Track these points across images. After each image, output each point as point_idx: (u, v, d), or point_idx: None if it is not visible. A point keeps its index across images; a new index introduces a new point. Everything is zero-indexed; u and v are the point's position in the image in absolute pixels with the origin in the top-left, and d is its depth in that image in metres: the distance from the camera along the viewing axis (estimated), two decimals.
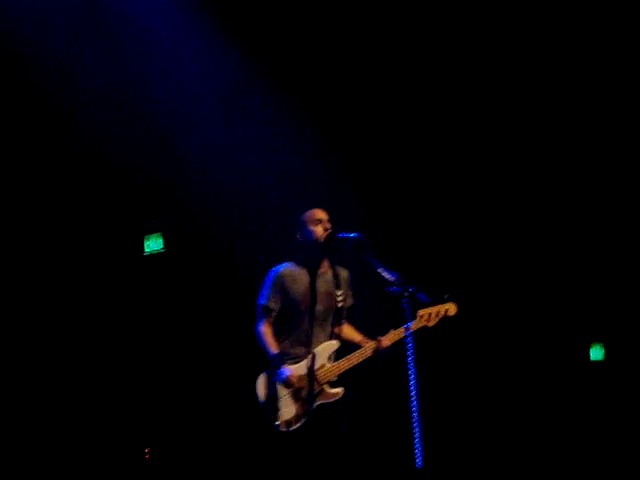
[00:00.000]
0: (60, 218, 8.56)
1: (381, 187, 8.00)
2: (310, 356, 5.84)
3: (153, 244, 8.96)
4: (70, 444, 8.07)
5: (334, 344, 5.94)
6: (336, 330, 6.06)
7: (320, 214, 6.04)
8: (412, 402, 5.53)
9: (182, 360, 8.58)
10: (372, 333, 6.10)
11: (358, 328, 6.21)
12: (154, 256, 8.92)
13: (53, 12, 7.87)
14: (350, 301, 6.18)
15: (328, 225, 5.99)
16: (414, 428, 5.47)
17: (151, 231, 8.92)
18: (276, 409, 5.77)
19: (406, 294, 5.67)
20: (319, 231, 5.96)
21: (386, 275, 5.74)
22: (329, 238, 5.93)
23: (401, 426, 6.05)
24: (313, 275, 5.99)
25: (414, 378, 5.53)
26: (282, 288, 5.96)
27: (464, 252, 8.29)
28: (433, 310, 6.03)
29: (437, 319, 6.05)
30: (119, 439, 8.32)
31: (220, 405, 8.23)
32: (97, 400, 8.33)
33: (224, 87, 8.15)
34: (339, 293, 6.00)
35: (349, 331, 6.15)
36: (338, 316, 6.04)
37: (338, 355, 6.02)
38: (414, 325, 5.87)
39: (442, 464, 7.76)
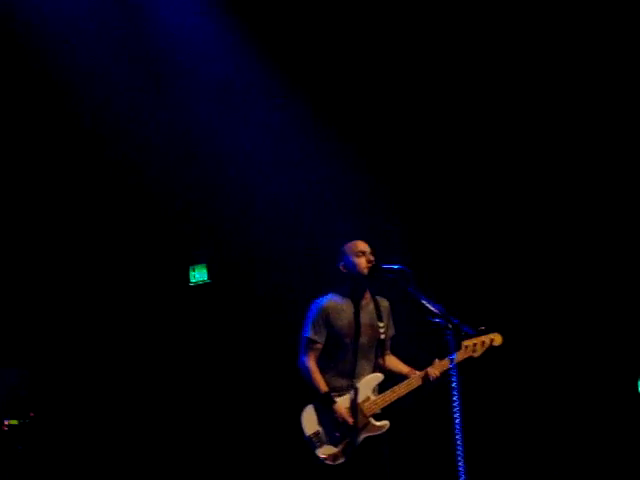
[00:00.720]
0: (107, 246, 8.68)
1: (422, 217, 7.97)
2: (355, 389, 5.83)
3: (198, 275, 9.04)
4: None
5: (379, 376, 5.93)
6: (380, 362, 6.05)
7: (362, 246, 6.04)
8: (456, 435, 5.50)
9: (226, 390, 8.60)
10: (415, 365, 6.08)
11: (401, 360, 6.19)
12: (199, 287, 9.00)
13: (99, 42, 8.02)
14: (392, 332, 6.17)
15: (371, 257, 5.99)
16: (458, 462, 5.44)
17: (197, 262, 9.00)
18: (322, 443, 5.78)
19: (450, 326, 5.66)
20: (362, 263, 5.97)
21: (430, 307, 5.73)
22: (373, 269, 5.94)
23: (445, 460, 6.00)
24: (357, 307, 5.99)
25: (458, 410, 5.49)
26: (326, 321, 5.96)
27: (507, 281, 8.22)
28: (478, 340, 6.02)
29: (483, 349, 6.04)
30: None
31: (264, 438, 8.22)
32: (146, 427, 8.40)
33: (269, 117, 8.21)
34: (381, 325, 6.00)
35: (394, 362, 6.14)
36: (381, 348, 6.04)
37: (381, 388, 6.00)
38: (459, 356, 5.85)
39: None
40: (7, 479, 7.18)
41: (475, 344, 6.00)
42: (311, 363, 5.90)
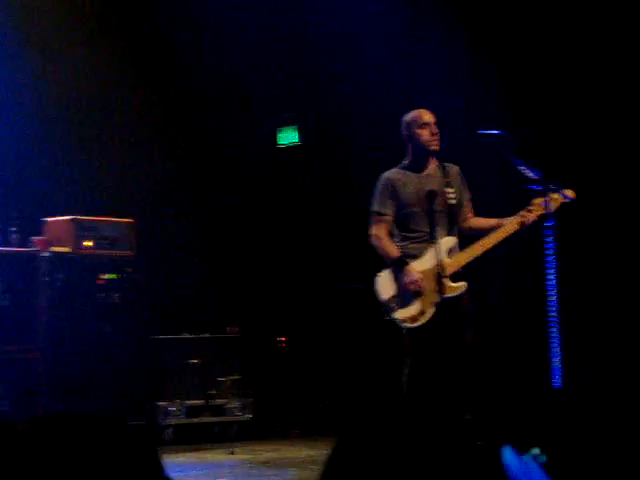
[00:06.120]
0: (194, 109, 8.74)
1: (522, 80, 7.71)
2: (429, 252, 5.79)
3: (288, 136, 9.05)
4: None
5: (451, 239, 5.83)
6: (465, 225, 5.96)
7: (426, 117, 5.86)
8: (551, 308, 5.48)
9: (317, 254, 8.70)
10: None
11: None
12: (289, 148, 9.03)
13: None
14: (467, 195, 6.01)
15: (435, 129, 5.85)
16: (552, 340, 5.43)
17: (286, 123, 9.00)
18: (398, 306, 5.76)
19: (549, 192, 5.61)
20: (425, 134, 5.84)
21: (529, 173, 5.67)
22: (435, 140, 5.81)
23: (537, 338, 5.97)
24: (422, 175, 5.91)
25: (554, 280, 5.48)
26: (392, 192, 5.89)
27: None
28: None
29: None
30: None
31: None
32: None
33: None
34: (450, 191, 5.88)
35: (480, 221, 5.99)
36: (458, 213, 5.94)
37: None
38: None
39: (580, 385, 7.33)
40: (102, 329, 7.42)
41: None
42: (380, 232, 5.87)
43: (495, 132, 5.77)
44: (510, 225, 5.79)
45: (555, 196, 5.71)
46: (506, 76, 7.56)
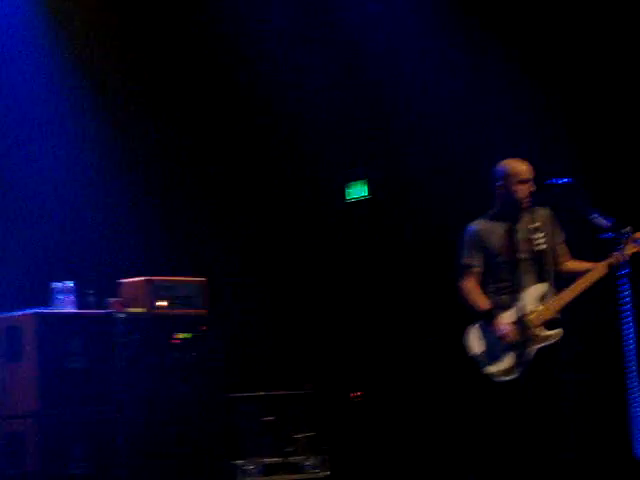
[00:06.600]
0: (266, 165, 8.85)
1: (589, 128, 7.64)
2: (519, 301, 5.73)
3: (358, 191, 9.07)
4: None
5: (542, 287, 5.76)
6: (562, 269, 5.86)
7: (527, 173, 5.80)
8: (630, 364, 5.34)
9: (387, 309, 8.66)
10: None
11: None
12: (358, 203, 9.04)
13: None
14: (560, 238, 5.92)
15: (533, 186, 5.79)
16: (633, 399, 5.28)
17: (355, 178, 9.03)
18: (492, 359, 5.71)
19: (622, 239, 5.52)
20: (524, 191, 5.78)
21: (600, 222, 5.59)
22: (531, 198, 5.76)
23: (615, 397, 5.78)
24: (510, 225, 5.85)
25: (631, 327, 5.37)
26: (479, 243, 5.86)
27: None
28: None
29: None
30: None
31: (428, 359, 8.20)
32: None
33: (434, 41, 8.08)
34: (540, 236, 5.79)
35: (575, 264, 5.90)
36: (552, 258, 5.84)
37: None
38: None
39: None
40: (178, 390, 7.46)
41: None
42: (469, 284, 5.84)
43: (564, 181, 5.71)
44: (597, 270, 5.71)
45: (629, 244, 5.62)
46: (574, 123, 7.50)
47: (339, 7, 8.54)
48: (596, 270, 5.73)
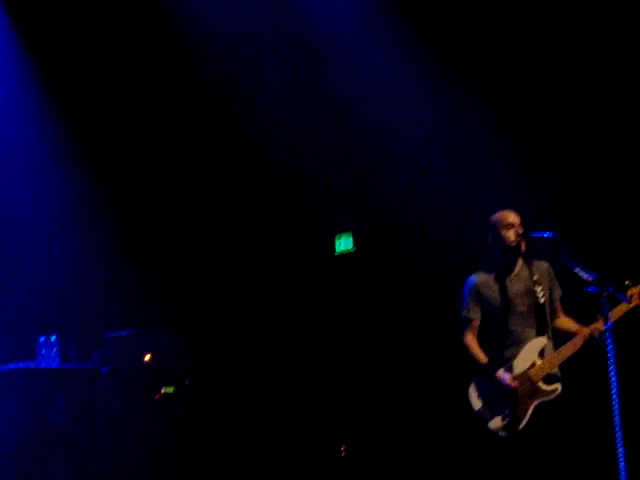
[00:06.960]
0: (254, 218, 8.83)
1: (571, 182, 7.69)
2: (519, 355, 5.71)
3: (344, 243, 9.06)
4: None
5: (541, 340, 5.75)
6: (556, 324, 5.88)
7: (511, 217, 5.86)
8: (614, 409, 5.32)
9: (376, 360, 8.60)
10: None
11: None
12: (345, 256, 9.02)
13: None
14: (557, 293, 5.94)
15: (520, 229, 5.83)
16: (617, 441, 5.26)
17: (342, 230, 9.02)
18: (493, 415, 5.69)
19: (605, 294, 5.50)
20: (511, 236, 5.81)
21: (583, 275, 5.58)
22: (522, 240, 5.80)
23: (603, 436, 5.77)
24: (508, 277, 5.86)
25: (615, 383, 5.33)
26: (478, 297, 5.88)
27: None
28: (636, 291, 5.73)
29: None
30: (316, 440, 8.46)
31: (426, 412, 8.13)
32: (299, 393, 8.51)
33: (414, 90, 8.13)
34: (539, 289, 5.82)
35: (565, 323, 5.92)
36: (547, 311, 5.84)
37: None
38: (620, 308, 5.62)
39: None
40: (162, 445, 7.39)
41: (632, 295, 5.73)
42: (468, 339, 5.86)
43: (548, 234, 5.72)
44: (578, 339, 5.73)
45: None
46: (558, 177, 7.54)
47: (325, 69, 8.56)
48: (577, 339, 5.74)
